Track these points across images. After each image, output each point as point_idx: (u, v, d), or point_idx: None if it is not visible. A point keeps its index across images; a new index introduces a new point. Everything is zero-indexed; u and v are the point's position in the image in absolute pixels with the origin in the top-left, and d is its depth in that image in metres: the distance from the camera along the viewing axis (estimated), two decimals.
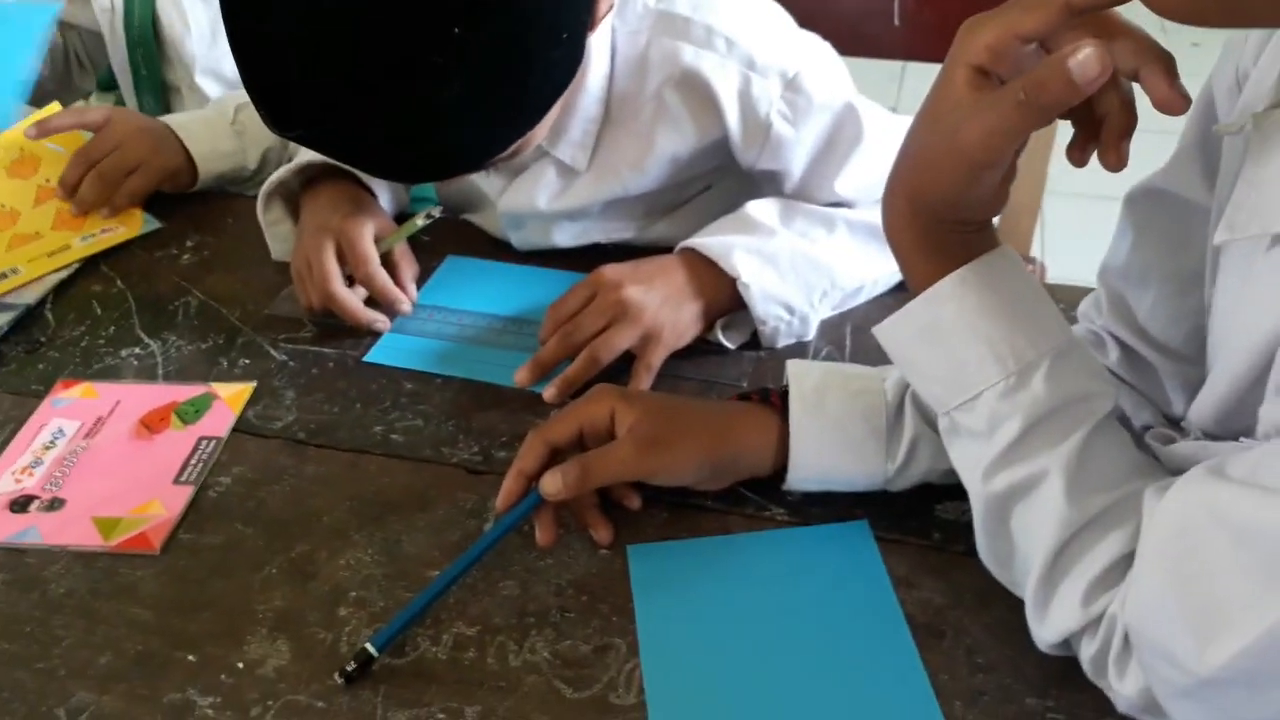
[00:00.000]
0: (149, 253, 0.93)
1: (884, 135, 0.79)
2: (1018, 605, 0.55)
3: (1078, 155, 0.48)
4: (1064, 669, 0.53)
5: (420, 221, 0.81)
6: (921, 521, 0.64)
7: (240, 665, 0.57)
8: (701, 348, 0.78)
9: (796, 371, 0.64)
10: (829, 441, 0.61)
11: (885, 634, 0.57)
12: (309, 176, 0.86)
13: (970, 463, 0.52)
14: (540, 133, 0.70)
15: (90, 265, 0.91)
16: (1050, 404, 0.48)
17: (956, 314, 0.50)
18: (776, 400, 0.63)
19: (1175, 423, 0.60)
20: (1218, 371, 0.48)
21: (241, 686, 0.56)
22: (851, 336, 0.79)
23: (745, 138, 0.78)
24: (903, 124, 0.65)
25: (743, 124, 0.78)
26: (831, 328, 0.80)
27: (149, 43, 1.06)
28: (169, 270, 0.90)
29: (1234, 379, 0.46)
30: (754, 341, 0.79)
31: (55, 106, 0.96)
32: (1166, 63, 0.43)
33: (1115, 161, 0.46)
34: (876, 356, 0.62)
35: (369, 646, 0.56)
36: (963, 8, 0.58)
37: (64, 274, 0.89)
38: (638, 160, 0.81)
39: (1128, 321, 0.63)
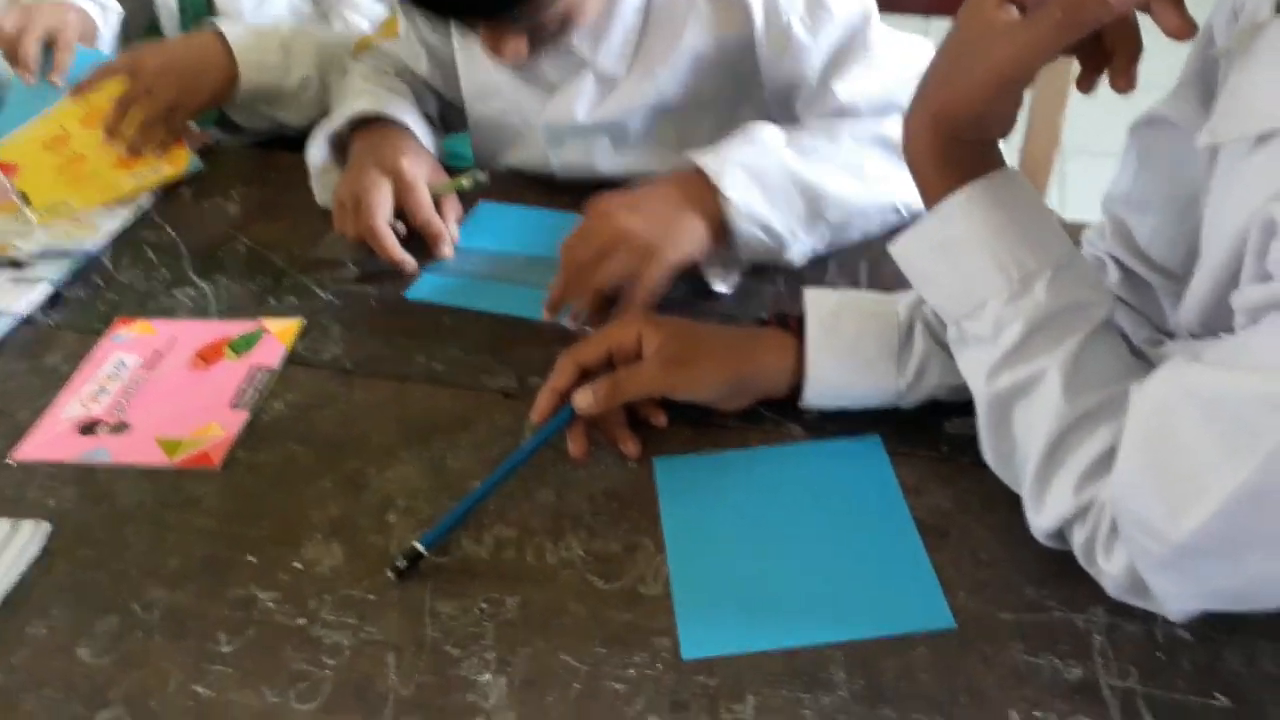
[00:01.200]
0: (197, 203, 0.98)
1: (891, 49, 0.84)
2: (1019, 508, 0.59)
3: (1086, 85, 0.52)
4: (1060, 563, 0.57)
5: (465, 182, 0.86)
6: (931, 436, 0.68)
7: (298, 565, 0.62)
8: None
9: (814, 297, 0.68)
10: (844, 359, 0.65)
11: (894, 533, 0.61)
12: (360, 123, 0.90)
13: (976, 367, 0.56)
14: (586, 7, 0.78)
15: (144, 219, 0.96)
16: (1050, 310, 0.52)
17: (966, 229, 0.53)
18: (794, 324, 0.67)
19: (1170, 337, 0.63)
20: (1201, 272, 0.52)
21: (300, 583, 0.61)
22: (867, 270, 0.83)
23: (769, 40, 0.84)
24: (910, 41, 0.67)
25: (766, 26, 0.84)
26: (848, 261, 0.84)
27: (200, 7, 1.11)
28: (217, 218, 0.95)
29: (1214, 274, 0.49)
30: (771, 276, 0.82)
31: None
32: None
33: (1126, 85, 0.50)
34: (892, 287, 0.66)
35: (418, 545, 0.60)
36: None
37: (121, 223, 0.94)
38: (667, 55, 0.86)
39: (1129, 245, 0.66)
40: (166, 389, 0.75)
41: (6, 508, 0.67)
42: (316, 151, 0.92)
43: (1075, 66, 0.53)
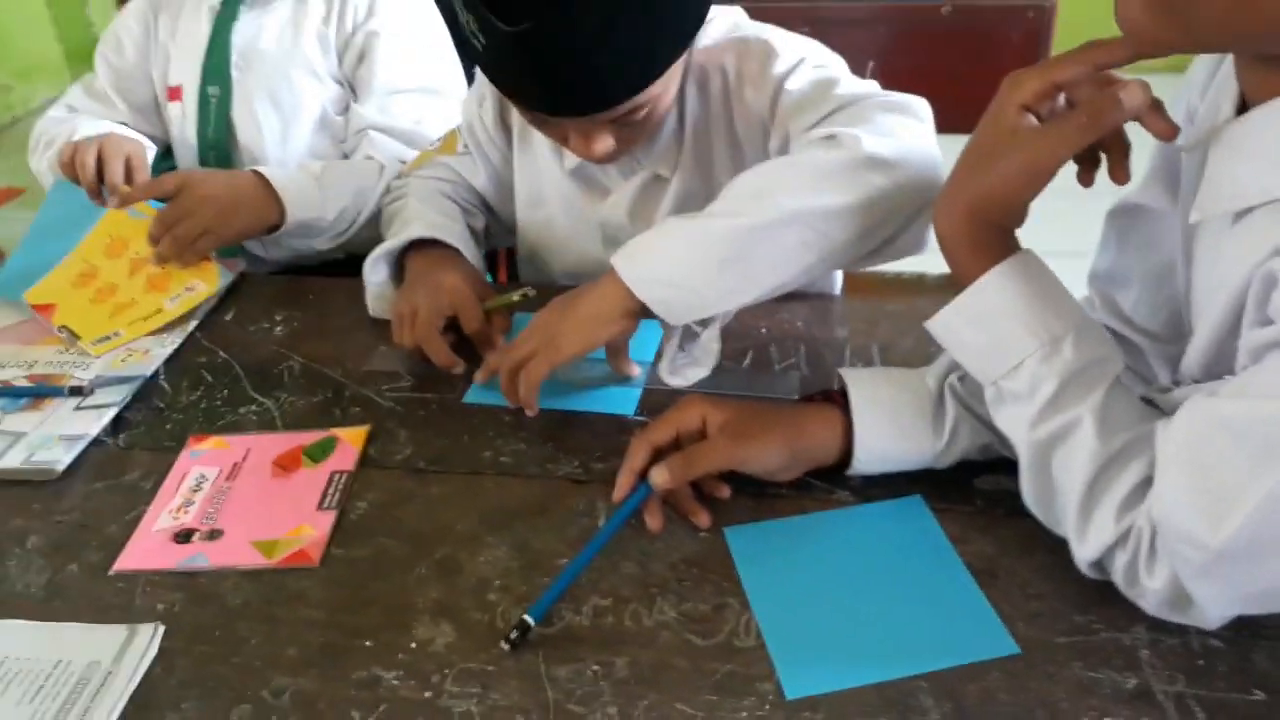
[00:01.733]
0: (242, 328, 1.04)
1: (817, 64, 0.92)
2: (1056, 549, 0.68)
3: (1087, 178, 0.63)
4: (1100, 591, 0.65)
5: (516, 297, 0.94)
6: (965, 493, 0.76)
7: (413, 645, 0.66)
8: (750, 373, 0.91)
9: (850, 374, 0.77)
10: (886, 427, 0.74)
11: (950, 578, 0.69)
12: (415, 245, 0.99)
13: (1015, 421, 0.65)
14: (665, 100, 0.87)
15: (191, 341, 1.02)
16: (1078, 365, 0.62)
17: (999, 301, 0.63)
18: (838, 398, 0.75)
19: (1161, 391, 0.73)
20: (1201, 328, 0.62)
21: (418, 661, 0.65)
22: (880, 356, 0.92)
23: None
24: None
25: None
26: (860, 350, 0.93)
27: (222, 145, 1.19)
28: (265, 341, 1.01)
29: (1215, 329, 0.59)
30: (795, 363, 0.91)
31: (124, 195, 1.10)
32: (1159, 105, 0.59)
33: (1124, 177, 0.61)
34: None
35: (527, 617, 0.66)
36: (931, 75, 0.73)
37: (172, 348, 1.00)
38: (711, 153, 0.95)
39: (1117, 314, 0.77)
40: (252, 496, 0.80)
41: (117, 615, 0.70)
42: (376, 270, 0.99)
43: None
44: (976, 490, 0.76)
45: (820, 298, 1.06)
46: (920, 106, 0.86)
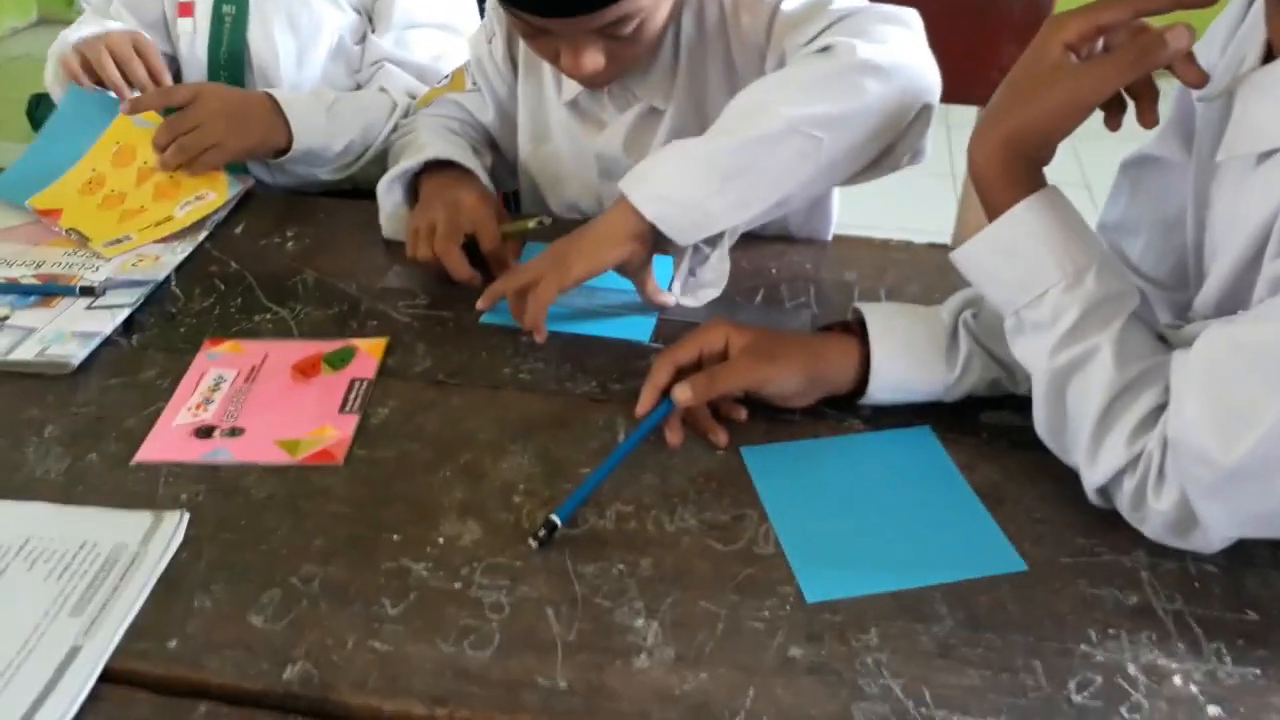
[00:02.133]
0: (253, 240, 1.03)
1: None
2: (1060, 479, 0.71)
3: (1114, 122, 0.65)
4: (1103, 518, 0.69)
5: (531, 224, 0.95)
6: (971, 426, 0.79)
7: (440, 540, 0.68)
8: (762, 310, 0.93)
9: (868, 307, 0.79)
10: (902, 358, 0.76)
11: (959, 501, 0.72)
12: (428, 169, 0.99)
13: (1035, 350, 0.67)
14: (656, 18, 0.88)
15: (201, 251, 1.01)
16: (1099, 296, 0.64)
17: (1027, 232, 0.66)
18: (856, 329, 0.78)
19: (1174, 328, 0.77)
20: (1217, 267, 0.65)
21: (446, 554, 0.67)
22: (887, 299, 0.95)
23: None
24: None
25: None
26: (867, 293, 0.95)
27: (237, 65, 1.18)
28: (277, 254, 1.01)
29: (1234, 266, 0.62)
30: (806, 301, 0.94)
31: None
32: (1192, 53, 0.62)
33: (1152, 120, 0.64)
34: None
35: (554, 517, 0.67)
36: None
37: (182, 255, 0.99)
38: (705, 84, 0.96)
39: (1124, 262, 0.80)
40: (272, 398, 0.80)
41: (140, 503, 0.71)
42: (390, 191, 0.99)
43: None
44: (982, 424, 0.79)
45: (821, 243, 1.08)
46: (912, 17, 0.88)
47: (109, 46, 1.07)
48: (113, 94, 1.10)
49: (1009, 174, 0.66)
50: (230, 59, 1.18)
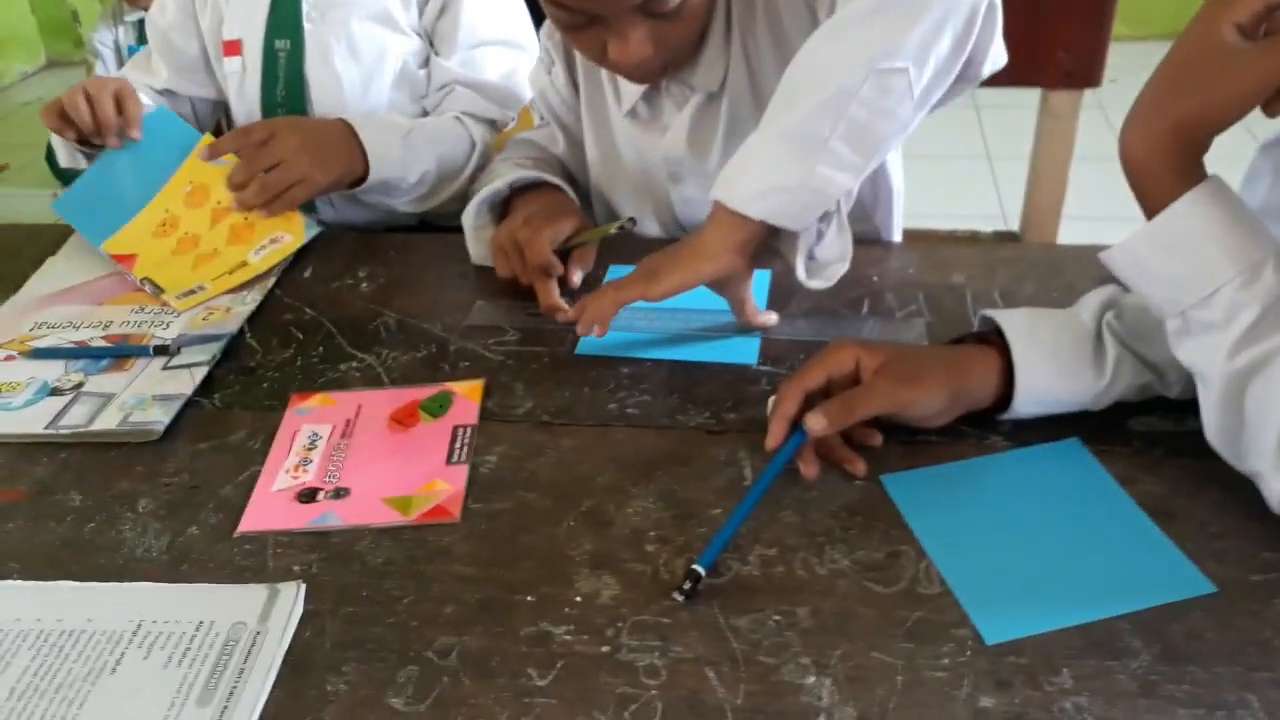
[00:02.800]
0: (325, 284, 0.99)
1: None
2: (1229, 487, 0.66)
3: (1278, 106, 0.60)
4: None
5: (613, 229, 0.90)
6: (1121, 435, 0.73)
7: (578, 599, 0.63)
8: (872, 321, 0.88)
9: (999, 315, 0.74)
10: (1048, 368, 0.71)
11: (1127, 519, 0.66)
12: (519, 188, 0.97)
13: (1207, 352, 0.62)
14: None
15: (272, 300, 0.97)
16: (1279, 292, 0.59)
17: (1195, 226, 0.60)
18: (996, 339, 0.73)
19: None
20: None
21: (587, 615, 0.62)
22: (1003, 301, 0.90)
23: None
24: None
25: None
26: (981, 295, 0.90)
27: (297, 101, 1.14)
28: (352, 297, 0.97)
29: None
30: (917, 309, 0.89)
31: (209, 137, 1.03)
32: None
33: None
34: None
35: (697, 567, 0.63)
36: None
37: (253, 305, 0.95)
38: (759, 60, 0.91)
39: None
40: (373, 453, 0.76)
41: (251, 578, 0.66)
42: (479, 215, 0.96)
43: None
44: (1132, 431, 0.74)
45: (919, 244, 1.04)
46: None
47: (85, 89, 1.03)
48: (187, 126, 1.06)
49: (1171, 165, 0.61)
50: (289, 95, 1.14)
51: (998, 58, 0.84)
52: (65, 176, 3.11)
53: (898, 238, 1.11)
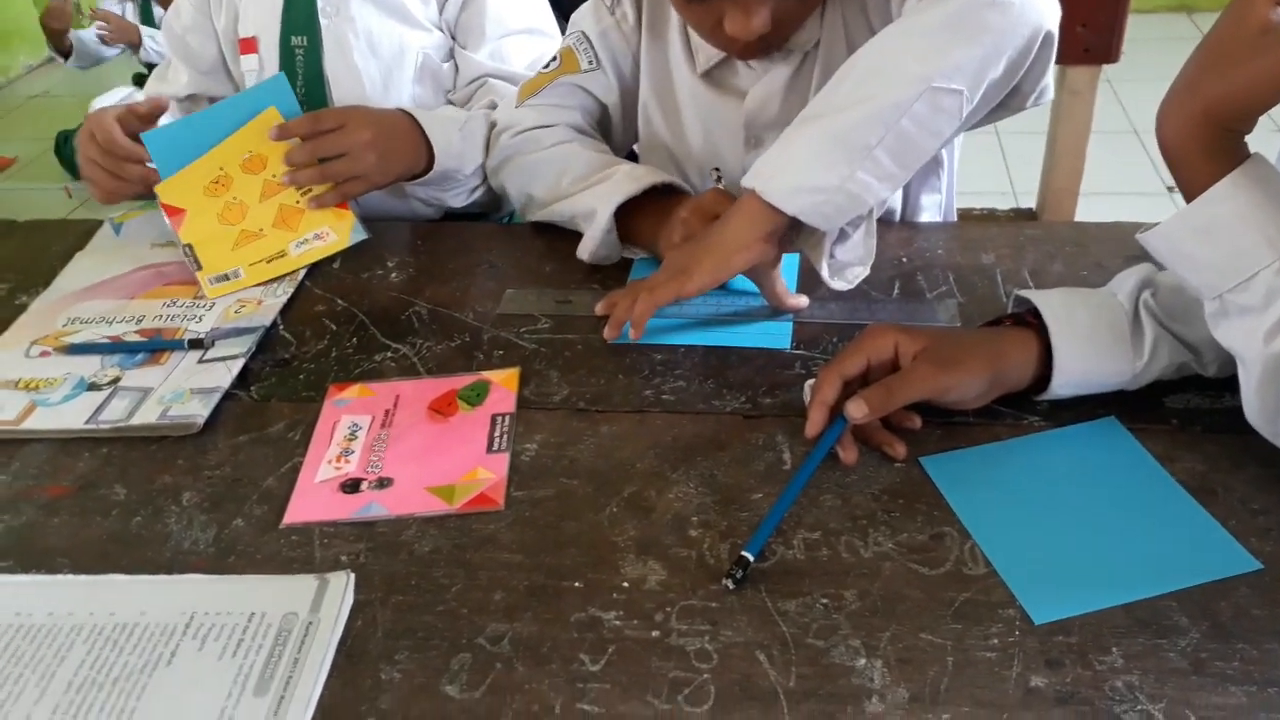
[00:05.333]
0: (355, 275, 0.99)
1: None
2: (1270, 462, 0.66)
3: None
4: None
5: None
6: (1157, 413, 0.74)
7: (625, 584, 0.64)
8: (903, 303, 0.88)
9: (1035, 296, 0.74)
10: (1086, 349, 0.71)
11: (1169, 497, 0.67)
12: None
13: (1245, 334, 0.62)
14: None
15: (303, 292, 0.97)
16: None
17: (1232, 210, 0.60)
18: (1032, 320, 0.73)
19: None
20: None
21: (635, 600, 0.63)
22: (1033, 280, 0.90)
23: None
24: None
25: None
26: (1011, 274, 0.90)
27: (317, 96, 1.13)
28: (383, 287, 0.97)
29: None
30: (948, 290, 0.89)
31: (273, 112, 1.00)
32: None
33: None
34: None
35: (746, 554, 0.63)
36: None
37: (285, 297, 0.96)
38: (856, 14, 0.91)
39: None
40: (413, 442, 0.77)
41: (299, 569, 0.67)
42: (605, 215, 0.93)
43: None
44: (1168, 409, 0.74)
45: (946, 224, 1.04)
46: None
47: (91, 128, 1.01)
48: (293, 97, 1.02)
49: (1208, 148, 0.61)
50: (309, 92, 1.13)
51: (1045, 91, 0.84)
52: (75, 169, 3.09)
53: (953, 217, 1.11)
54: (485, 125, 1.08)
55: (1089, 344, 0.71)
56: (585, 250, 0.94)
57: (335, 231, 1.00)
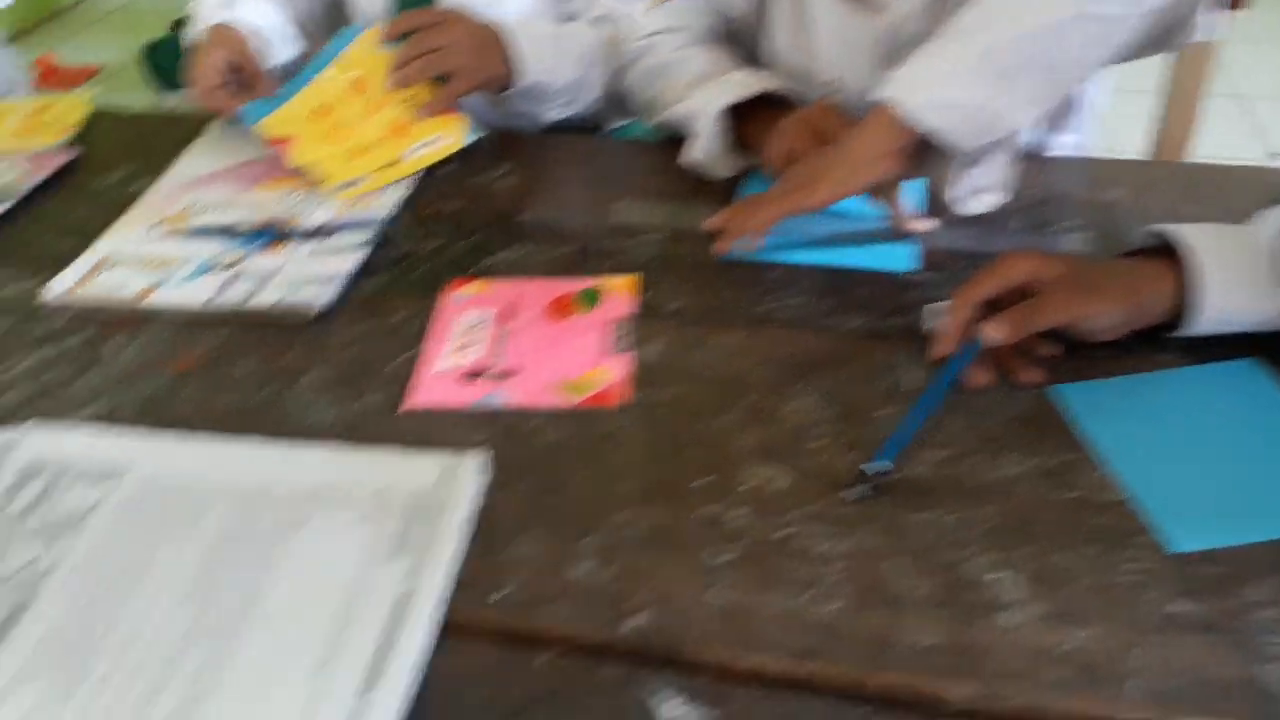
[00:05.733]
0: (468, 179, 0.99)
1: None
2: None
3: None
4: None
5: None
6: None
7: (750, 486, 0.64)
8: (1030, 234, 0.86)
9: (1178, 229, 0.72)
10: (1229, 285, 0.69)
11: None
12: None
13: None
14: None
15: (421, 192, 0.98)
16: None
17: None
18: (1168, 254, 0.71)
19: None
20: None
21: (762, 500, 0.62)
22: (1168, 218, 0.87)
23: None
24: None
25: None
26: (1142, 212, 0.88)
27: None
28: (500, 191, 0.97)
29: None
30: (1078, 224, 0.86)
31: (374, 32, 1.02)
32: None
33: None
34: None
35: (876, 464, 0.63)
36: None
37: (405, 192, 0.96)
38: None
39: None
40: (535, 338, 0.77)
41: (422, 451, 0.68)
42: (711, 115, 0.93)
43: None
44: None
45: (1070, 160, 1.01)
46: None
47: (219, 41, 1.03)
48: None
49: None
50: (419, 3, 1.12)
51: (1212, 24, 0.79)
52: (165, 75, 3.08)
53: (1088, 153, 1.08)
54: (581, 40, 1.07)
55: (1232, 281, 0.69)
56: (692, 152, 0.93)
57: (450, 135, 1.00)
